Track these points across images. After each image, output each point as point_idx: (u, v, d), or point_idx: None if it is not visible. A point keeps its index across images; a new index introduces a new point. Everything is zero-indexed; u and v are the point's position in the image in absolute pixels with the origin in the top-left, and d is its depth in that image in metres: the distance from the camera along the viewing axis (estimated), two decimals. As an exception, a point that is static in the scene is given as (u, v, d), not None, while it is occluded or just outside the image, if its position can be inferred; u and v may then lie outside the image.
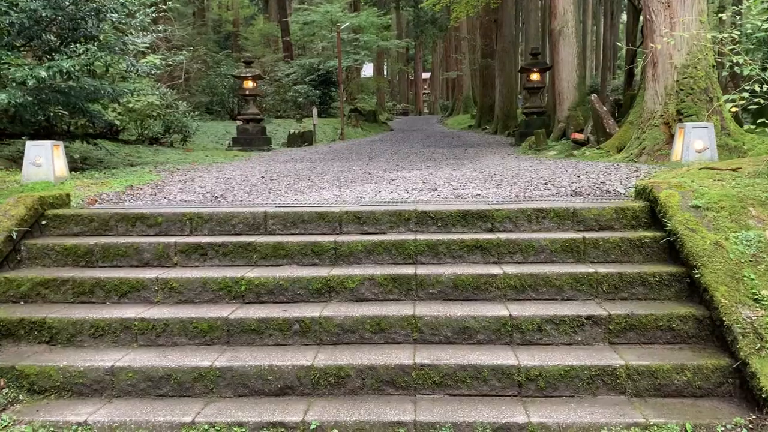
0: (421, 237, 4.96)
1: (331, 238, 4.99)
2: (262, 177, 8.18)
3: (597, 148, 12.07)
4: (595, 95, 13.33)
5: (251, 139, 17.69)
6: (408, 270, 4.64)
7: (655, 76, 9.41)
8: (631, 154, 9.48)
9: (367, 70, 52.03)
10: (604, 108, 12.94)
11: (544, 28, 37.38)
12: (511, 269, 4.60)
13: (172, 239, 5.12)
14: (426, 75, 64.96)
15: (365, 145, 19.00)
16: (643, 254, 4.75)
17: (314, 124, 22.68)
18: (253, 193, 6.65)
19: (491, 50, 27.42)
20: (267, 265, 4.93)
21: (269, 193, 6.68)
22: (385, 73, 62.91)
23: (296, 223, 5.30)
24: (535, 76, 18.04)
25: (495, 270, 4.59)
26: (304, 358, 3.97)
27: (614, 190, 6.10)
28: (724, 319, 3.81)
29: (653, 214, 5.01)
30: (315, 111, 22.99)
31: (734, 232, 4.40)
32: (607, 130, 12.59)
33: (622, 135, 11.82)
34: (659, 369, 3.74)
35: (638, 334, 4.09)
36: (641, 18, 15.02)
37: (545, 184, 6.73)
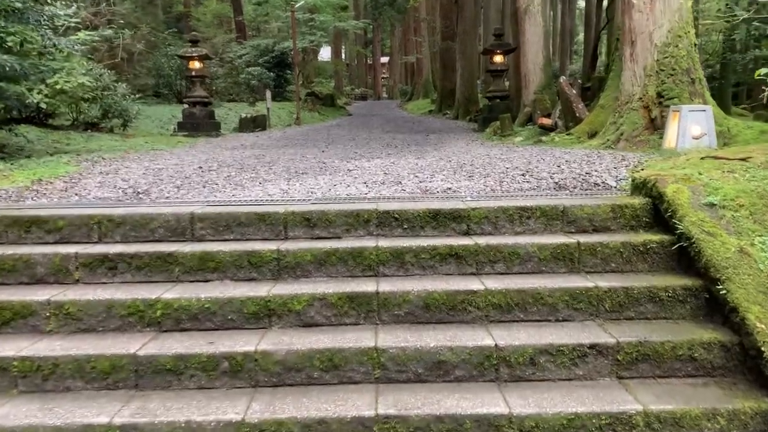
0: (383, 243, 4.08)
1: (274, 246, 4.06)
2: (200, 167, 7.15)
3: (567, 134, 11.38)
4: (564, 78, 12.64)
5: (198, 124, 16.42)
6: (368, 286, 3.76)
7: (633, 55, 8.70)
8: (608, 140, 8.78)
9: (325, 53, 50.56)
10: (574, 91, 12.25)
11: (503, 11, 36.74)
12: (493, 283, 3.76)
13: (73, 249, 4.10)
14: (385, 59, 63.73)
15: (322, 131, 17.96)
16: (649, 262, 3.98)
17: (268, 108, 21.46)
18: (184, 188, 5.63)
19: (452, 32, 26.56)
20: (192, 281, 3.97)
21: (203, 187, 5.67)
22: (344, 56, 61.45)
23: (230, 226, 4.33)
24: (498, 59, 17.28)
25: (474, 284, 3.75)
26: (233, 409, 3.06)
27: (603, 182, 5.33)
28: (762, 349, 3.06)
29: (656, 213, 4.25)
30: (269, 94, 21.78)
31: (759, 236, 3.66)
32: (577, 114, 11.91)
33: (593, 120, 11.16)
34: (685, 415, 2.96)
35: (653, 365, 3.31)
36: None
37: (523, 175, 5.92)
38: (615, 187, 5.16)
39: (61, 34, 12.00)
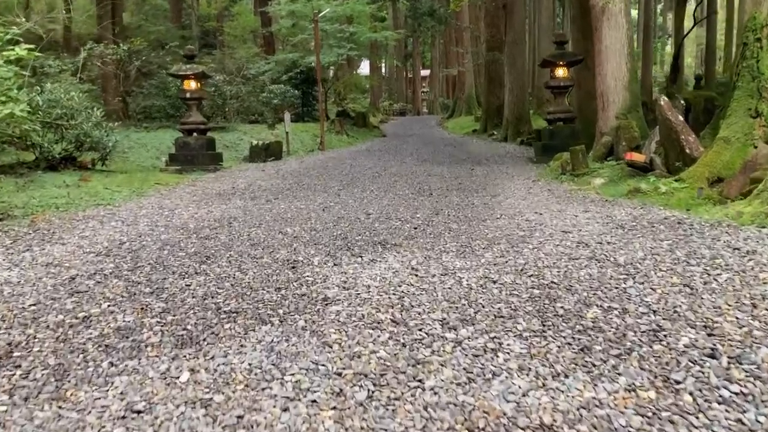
0: None
1: None
2: (50, 290, 4.03)
3: (675, 179, 7.90)
4: (665, 97, 9.13)
5: (193, 156, 13.53)
6: None
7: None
8: (777, 206, 5.30)
9: (365, 68, 47.71)
10: (680, 117, 8.75)
11: (554, 18, 33.12)
12: None
13: None
14: (425, 72, 60.51)
15: (345, 161, 14.78)
16: None
17: (287, 132, 18.51)
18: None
19: (498, 42, 23.17)
20: None
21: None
22: (384, 70, 58.41)
23: None
24: (561, 72, 13.89)
25: None
26: None
27: None
28: None
29: None
30: (287, 116, 18.80)
31: None
32: (687, 150, 8.40)
33: (713, 159, 7.67)
34: None
35: None
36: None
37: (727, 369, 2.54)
38: None
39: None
